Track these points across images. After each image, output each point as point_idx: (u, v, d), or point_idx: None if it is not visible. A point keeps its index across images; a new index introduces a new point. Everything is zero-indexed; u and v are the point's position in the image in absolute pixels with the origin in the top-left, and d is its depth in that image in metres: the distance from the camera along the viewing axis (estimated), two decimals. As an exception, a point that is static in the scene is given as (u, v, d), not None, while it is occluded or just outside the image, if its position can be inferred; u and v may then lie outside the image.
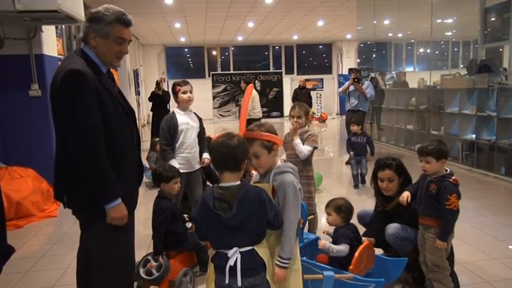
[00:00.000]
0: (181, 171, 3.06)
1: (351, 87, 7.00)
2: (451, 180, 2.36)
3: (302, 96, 11.87)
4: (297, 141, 3.15)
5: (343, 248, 2.37)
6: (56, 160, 1.92)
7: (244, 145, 1.76)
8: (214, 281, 1.77)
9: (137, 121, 2.16)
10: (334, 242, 2.45)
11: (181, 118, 3.31)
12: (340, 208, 2.54)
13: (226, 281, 1.70)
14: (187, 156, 3.31)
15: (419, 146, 2.52)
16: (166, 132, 3.25)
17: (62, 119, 1.81)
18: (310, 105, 11.76)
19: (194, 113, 3.47)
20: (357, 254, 2.29)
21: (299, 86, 12.67)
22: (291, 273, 1.88)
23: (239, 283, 1.68)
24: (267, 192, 1.78)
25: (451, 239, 2.43)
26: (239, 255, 1.68)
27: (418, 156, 2.48)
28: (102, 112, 1.80)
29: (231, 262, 1.67)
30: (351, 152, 5.36)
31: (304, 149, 3.12)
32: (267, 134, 1.90)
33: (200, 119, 3.49)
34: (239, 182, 1.71)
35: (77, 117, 1.74)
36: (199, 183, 3.49)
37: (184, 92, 3.31)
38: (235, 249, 1.68)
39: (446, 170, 2.41)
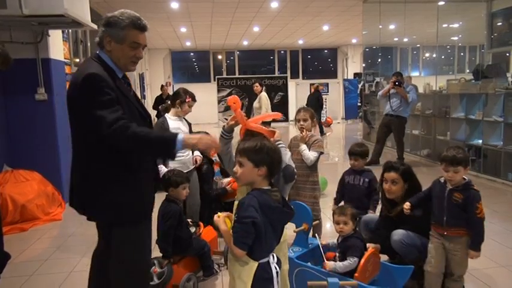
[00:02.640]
0: None
1: (392, 90, 6.75)
2: (475, 188, 2.32)
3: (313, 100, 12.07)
4: (303, 147, 3.12)
5: (350, 263, 2.32)
6: (74, 168, 1.91)
7: None
8: None
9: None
10: (343, 253, 2.41)
11: (173, 123, 3.41)
12: (355, 216, 2.50)
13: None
14: (181, 159, 3.40)
15: (443, 155, 2.37)
16: None
17: (87, 122, 1.77)
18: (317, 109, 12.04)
19: (184, 118, 3.58)
20: (362, 261, 2.26)
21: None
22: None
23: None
24: None
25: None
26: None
27: (444, 166, 2.35)
28: None
29: (277, 268, 1.72)
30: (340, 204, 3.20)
31: (310, 155, 3.09)
32: (260, 127, 1.99)
33: (190, 124, 3.61)
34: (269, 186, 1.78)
35: (102, 114, 1.72)
36: (195, 182, 3.58)
37: (190, 106, 3.48)
38: (272, 254, 1.73)
39: (464, 178, 2.36)
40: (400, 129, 6.85)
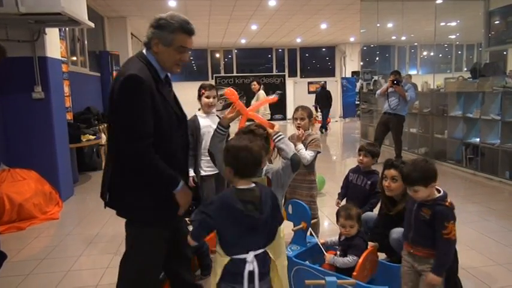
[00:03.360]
0: (210, 173, 3.17)
1: (390, 89, 6.73)
2: (446, 203, 2.04)
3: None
4: (299, 146, 3.10)
5: (349, 261, 2.33)
6: (109, 160, 1.97)
7: (263, 147, 1.82)
8: None
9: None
10: (344, 250, 2.41)
11: (203, 121, 3.31)
12: (360, 216, 2.49)
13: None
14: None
15: (402, 170, 2.16)
16: (189, 135, 3.21)
17: (118, 123, 1.84)
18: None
19: (217, 115, 3.45)
20: (360, 260, 2.26)
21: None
22: (281, 269, 1.87)
23: None
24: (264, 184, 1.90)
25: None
26: (255, 260, 1.68)
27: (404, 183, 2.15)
28: (155, 117, 1.84)
29: (249, 267, 1.66)
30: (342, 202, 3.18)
31: (307, 154, 3.07)
32: (260, 118, 2.05)
33: None
34: (253, 184, 1.74)
35: (132, 122, 1.79)
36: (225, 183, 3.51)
37: (208, 97, 3.33)
38: (252, 253, 1.68)
39: (439, 191, 2.09)
40: (398, 128, 6.87)
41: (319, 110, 12.88)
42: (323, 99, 12.91)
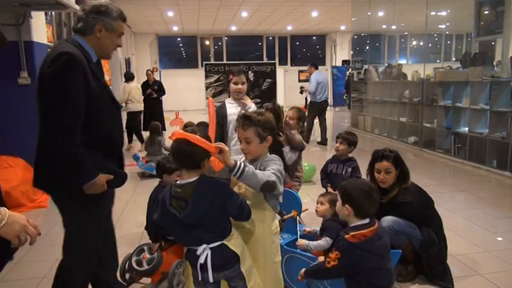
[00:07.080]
0: None
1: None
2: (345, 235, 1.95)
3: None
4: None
5: (322, 243, 2.37)
6: (37, 143, 1.94)
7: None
8: (192, 274, 1.77)
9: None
10: (321, 234, 2.44)
11: (231, 108, 3.09)
12: (335, 201, 2.51)
13: (199, 278, 1.71)
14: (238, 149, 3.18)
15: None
16: (216, 124, 2.96)
17: (46, 100, 1.80)
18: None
19: (254, 102, 3.25)
20: None
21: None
22: (271, 265, 1.88)
23: (211, 279, 1.68)
24: None
25: None
26: (209, 252, 1.66)
27: None
28: (89, 95, 1.83)
29: (201, 260, 1.65)
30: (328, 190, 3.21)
31: (288, 159, 3.16)
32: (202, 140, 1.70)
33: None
34: (195, 178, 1.66)
35: (60, 100, 1.77)
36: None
37: (235, 83, 3.08)
38: (204, 246, 1.66)
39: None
40: (308, 112, 8.00)
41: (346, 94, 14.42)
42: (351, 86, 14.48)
